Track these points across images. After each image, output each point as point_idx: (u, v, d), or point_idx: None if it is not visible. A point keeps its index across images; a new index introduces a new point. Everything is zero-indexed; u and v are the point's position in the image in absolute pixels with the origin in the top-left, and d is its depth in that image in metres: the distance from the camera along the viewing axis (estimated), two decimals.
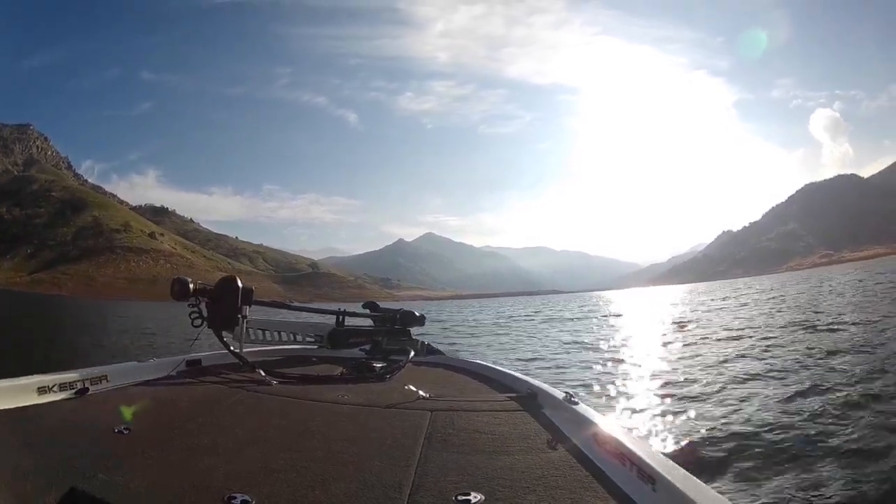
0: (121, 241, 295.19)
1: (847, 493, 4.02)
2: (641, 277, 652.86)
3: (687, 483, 1.33)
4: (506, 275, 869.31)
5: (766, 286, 46.65)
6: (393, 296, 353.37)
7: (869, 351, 10.18)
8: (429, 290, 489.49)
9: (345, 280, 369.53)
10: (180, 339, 17.08)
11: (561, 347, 16.17)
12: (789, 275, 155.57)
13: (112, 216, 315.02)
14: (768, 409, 6.44)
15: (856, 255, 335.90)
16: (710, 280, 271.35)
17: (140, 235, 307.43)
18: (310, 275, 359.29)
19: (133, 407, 2.12)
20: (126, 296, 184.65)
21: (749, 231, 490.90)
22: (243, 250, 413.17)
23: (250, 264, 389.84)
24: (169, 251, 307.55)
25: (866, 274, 54.08)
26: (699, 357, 11.66)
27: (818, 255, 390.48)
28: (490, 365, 3.24)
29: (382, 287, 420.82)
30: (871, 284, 34.91)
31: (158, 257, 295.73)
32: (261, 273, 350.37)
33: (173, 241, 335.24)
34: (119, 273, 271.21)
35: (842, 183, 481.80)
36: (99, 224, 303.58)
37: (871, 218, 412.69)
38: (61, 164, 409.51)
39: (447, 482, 1.49)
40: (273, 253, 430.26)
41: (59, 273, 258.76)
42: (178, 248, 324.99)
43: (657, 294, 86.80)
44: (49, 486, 1.31)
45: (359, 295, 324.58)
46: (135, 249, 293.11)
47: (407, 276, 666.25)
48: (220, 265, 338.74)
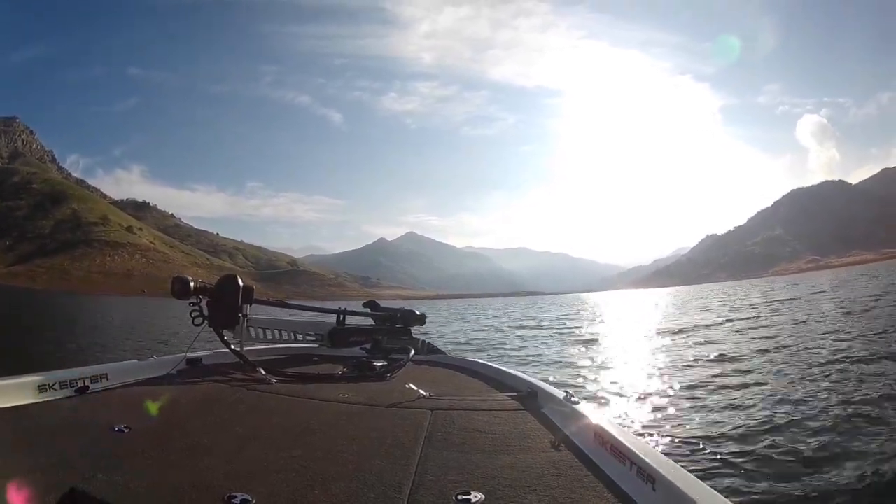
0: (98, 234, 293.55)
1: (847, 493, 4.01)
2: (625, 280, 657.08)
3: (687, 482, 1.33)
4: (487, 276, 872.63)
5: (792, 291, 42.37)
6: (372, 294, 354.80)
7: (875, 353, 10.05)
8: (409, 289, 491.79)
9: (324, 278, 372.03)
10: (149, 340, 17.36)
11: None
12: (781, 278, 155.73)
13: (91, 209, 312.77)
14: (768, 410, 6.54)
15: (843, 261, 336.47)
16: (694, 283, 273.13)
17: (118, 229, 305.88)
18: (289, 272, 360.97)
19: (133, 405, 2.15)
20: (101, 291, 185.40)
21: (734, 235, 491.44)
22: (223, 247, 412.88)
23: (230, 261, 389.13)
24: (146, 246, 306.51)
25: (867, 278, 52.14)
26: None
27: (805, 261, 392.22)
28: (490, 364, 3.26)
29: (362, 286, 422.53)
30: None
31: (135, 252, 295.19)
32: (240, 270, 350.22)
33: (152, 235, 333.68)
34: (94, 267, 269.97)
35: (829, 189, 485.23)
36: (77, 217, 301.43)
37: (859, 224, 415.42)
38: (46, 157, 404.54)
39: (447, 481, 1.50)
40: (253, 250, 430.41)
41: (35, 266, 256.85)
42: (157, 243, 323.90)
43: (647, 297, 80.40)
44: (49, 485, 1.31)
45: (339, 293, 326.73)
46: (111, 243, 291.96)
47: (388, 275, 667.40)
48: (199, 261, 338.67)
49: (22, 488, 1.29)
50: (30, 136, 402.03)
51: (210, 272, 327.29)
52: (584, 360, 12.52)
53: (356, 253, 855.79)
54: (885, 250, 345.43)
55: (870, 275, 61.27)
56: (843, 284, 44.26)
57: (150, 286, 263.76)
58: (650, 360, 11.91)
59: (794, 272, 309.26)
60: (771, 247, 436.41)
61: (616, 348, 15.21)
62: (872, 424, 5.62)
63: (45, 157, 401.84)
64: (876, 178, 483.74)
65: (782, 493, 4.12)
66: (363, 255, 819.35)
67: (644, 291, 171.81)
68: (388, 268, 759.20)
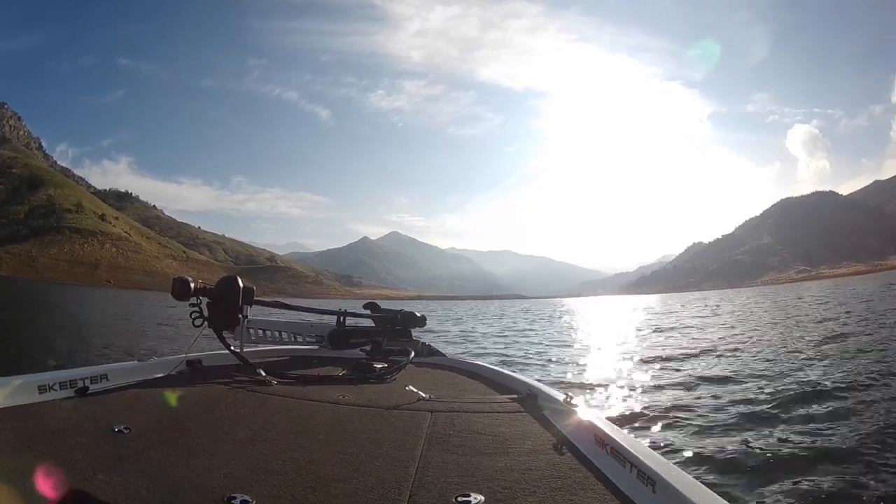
0: (69, 221, 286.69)
1: (847, 493, 4.01)
2: (609, 286, 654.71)
3: (687, 485, 1.33)
4: (470, 277, 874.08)
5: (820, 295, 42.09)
6: (352, 293, 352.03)
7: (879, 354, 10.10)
8: (391, 289, 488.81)
9: (303, 275, 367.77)
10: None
11: None
12: (770, 288, 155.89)
13: (67, 196, 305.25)
14: (769, 410, 6.48)
15: (835, 272, 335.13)
16: (681, 291, 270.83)
17: (91, 217, 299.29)
18: (267, 268, 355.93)
19: (133, 406, 2.16)
20: (64, 280, 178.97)
21: (722, 243, 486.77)
22: (203, 240, 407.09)
23: (209, 254, 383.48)
24: (118, 235, 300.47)
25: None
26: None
27: (795, 271, 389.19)
28: (490, 366, 3.27)
29: (343, 284, 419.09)
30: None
31: (105, 241, 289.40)
32: (217, 264, 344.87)
33: (128, 225, 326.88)
34: (62, 255, 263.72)
35: (820, 199, 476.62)
36: (52, 203, 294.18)
37: (850, 235, 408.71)
38: (33, 144, 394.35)
39: (447, 483, 1.50)
40: (233, 244, 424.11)
41: (3, 252, 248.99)
42: (132, 234, 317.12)
43: (637, 303, 71.69)
44: (49, 485, 1.30)
45: (317, 291, 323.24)
46: (81, 231, 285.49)
47: (370, 274, 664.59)
48: (175, 253, 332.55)
49: (22, 489, 1.29)
50: (17, 122, 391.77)
51: (185, 265, 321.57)
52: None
53: (339, 251, 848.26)
54: (877, 262, 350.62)
55: (875, 285, 59.19)
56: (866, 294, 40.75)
57: (116, 277, 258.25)
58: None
59: (785, 282, 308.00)
60: (760, 256, 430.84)
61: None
62: (875, 424, 5.59)
63: (31, 144, 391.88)
64: (867, 189, 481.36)
65: (783, 495, 4.09)
66: (346, 254, 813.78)
67: (627, 298, 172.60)
68: (370, 267, 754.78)
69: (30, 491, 1.29)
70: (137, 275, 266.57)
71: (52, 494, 1.28)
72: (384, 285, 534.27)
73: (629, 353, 13.04)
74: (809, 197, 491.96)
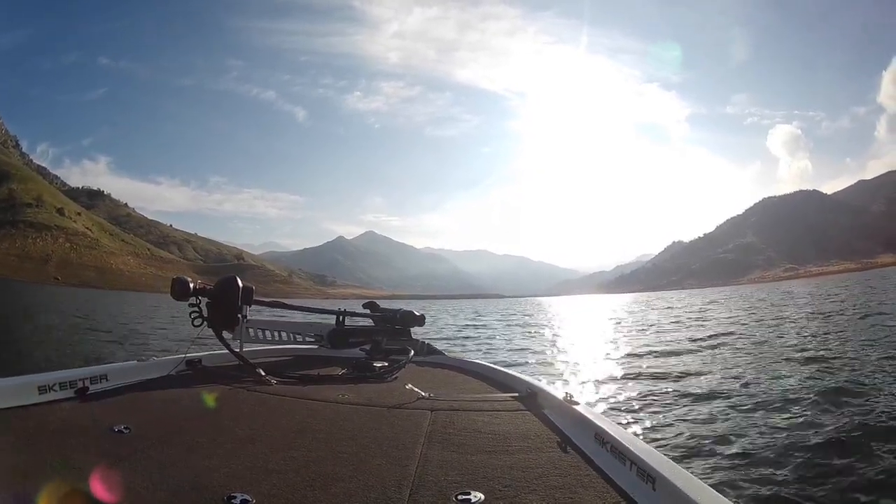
0: (26, 215, 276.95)
1: (847, 493, 4.01)
2: (586, 285, 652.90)
3: (687, 483, 1.34)
4: (446, 277, 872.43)
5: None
6: (325, 293, 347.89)
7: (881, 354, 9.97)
8: (365, 288, 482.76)
9: (274, 274, 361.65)
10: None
11: None
12: (756, 286, 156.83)
13: (29, 190, 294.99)
14: (769, 411, 6.48)
15: (823, 270, 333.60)
16: (663, 290, 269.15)
17: (49, 211, 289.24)
18: (235, 266, 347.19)
19: (133, 406, 2.17)
20: (13, 276, 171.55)
21: (703, 242, 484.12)
22: (174, 238, 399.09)
23: (179, 252, 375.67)
24: (75, 230, 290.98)
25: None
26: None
27: (782, 269, 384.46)
28: (490, 365, 3.27)
29: (316, 284, 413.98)
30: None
31: (59, 235, 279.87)
32: (185, 262, 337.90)
33: (91, 221, 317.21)
34: (13, 249, 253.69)
35: (804, 198, 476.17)
36: (13, 197, 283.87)
37: (835, 234, 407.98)
38: (9, 142, 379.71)
39: (447, 481, 1.50)
40: (204, 242, 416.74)
41: None
42: (93, 229, 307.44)
43: (620, 303, 67.70)
44: (49, 485, 1.31)
45: (287, 291, 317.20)
46: (36, 225, 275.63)
47: (345, 273, 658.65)
48: (138, 251, 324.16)
49: (22, 489, 1.29)
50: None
51: (149, 263, 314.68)
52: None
53: (315, 250, 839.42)
54: (864, 260, 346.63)
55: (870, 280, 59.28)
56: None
57: (66, 273, 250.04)
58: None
59: (772, 280, 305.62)
60: (744, 254, 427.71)
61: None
62: (876, 425, 5.61)
63: (7, 142, 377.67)
64: (852, 189, 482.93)
65: (784, 494, 4.09)
66: (321, 253, 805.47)
67: (605, 297, 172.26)
68: (345, 266, 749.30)
69: (30, 491, 1.29)
70: (88, 271, 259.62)
71: (52, 495, 1.28)
72: (359, 285, 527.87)
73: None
74: (793, 196, 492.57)
